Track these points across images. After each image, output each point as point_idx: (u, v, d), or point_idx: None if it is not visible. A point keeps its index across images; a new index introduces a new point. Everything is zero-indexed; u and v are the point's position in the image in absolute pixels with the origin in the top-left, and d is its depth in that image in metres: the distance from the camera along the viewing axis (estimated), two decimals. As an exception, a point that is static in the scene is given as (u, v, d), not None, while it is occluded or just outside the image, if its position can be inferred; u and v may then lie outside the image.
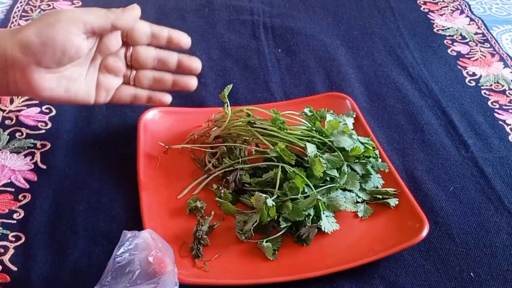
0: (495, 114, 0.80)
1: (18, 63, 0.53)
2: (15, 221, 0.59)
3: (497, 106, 0.82)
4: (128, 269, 0.46)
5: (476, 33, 0.99)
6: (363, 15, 1.02)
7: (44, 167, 0.65)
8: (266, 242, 0.56)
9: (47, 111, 0.74)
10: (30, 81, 0.53)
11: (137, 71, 0.63)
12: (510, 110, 0.81)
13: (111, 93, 0.62)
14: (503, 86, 0.86)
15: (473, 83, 0.87)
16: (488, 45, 0.96)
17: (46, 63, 0.53)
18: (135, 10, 0.58)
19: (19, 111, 0.73)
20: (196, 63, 0.64)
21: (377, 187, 0.63)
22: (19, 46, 0.52)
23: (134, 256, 0.47)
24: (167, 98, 0.66)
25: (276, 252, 0.56)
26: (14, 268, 0.54)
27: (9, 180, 0.63)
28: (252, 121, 0.64)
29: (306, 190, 0.58)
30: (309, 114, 0.66)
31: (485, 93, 0.85)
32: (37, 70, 0.53)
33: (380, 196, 0.62)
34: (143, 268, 0.47)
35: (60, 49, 0.53)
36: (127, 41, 0.61)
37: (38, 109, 0.74)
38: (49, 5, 0.96)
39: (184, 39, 0.63)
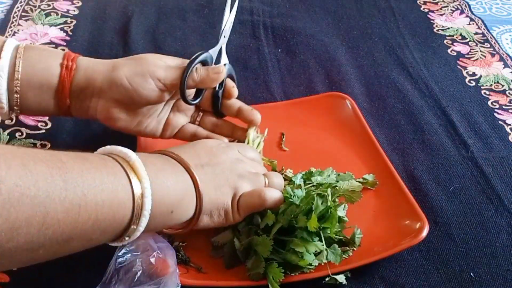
0: (495, 114, 0.80)
1: (104, 96, 0.57)
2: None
3: (497, 106, 0.82)
4: (130, 270, 0.46)
5: (476, 33, 0.99)
6: (363, 15, 1.02)
7: (44, 167, 0.65)
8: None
9: (47, 111, 0.74)
10: (109, 112, 0.58)
11: (203, 113, 0.66)
12: (510, 110, 0.81)
13: (176, 130, 0.64)
14: (503, 86, 0.86)
15: (473, 83, 0.87)
16: (488, 45, 0.96)
17: (128, 104, 0.58)
18: (220, 73, 0.61)
19: (19, 111, 0.73)
20: (256, 116, 0.65)
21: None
22: (110, 83, 0.57)
23: (136, 257, 0.47)
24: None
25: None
26: (14, 268, 0.54)
27: (9, 180, 0.63)
28: None
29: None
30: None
31: (485, 93, 0.85)
32: (118, 105, 0.58)
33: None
34: (145, 269, 0.47)
35: (145, 99, 0.58)
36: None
37: (38, 109, 0.74)
38: (49, 5, 0.96)
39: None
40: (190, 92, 0.61)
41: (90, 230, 0.40)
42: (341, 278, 0.54)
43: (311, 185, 0.61)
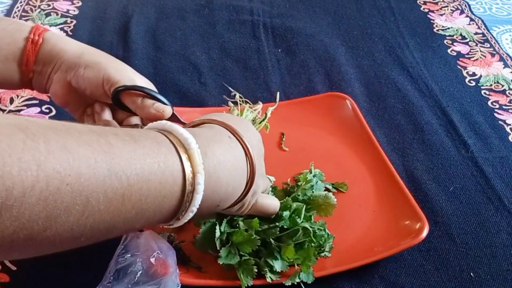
0: (495, 114, 0.80)
1: (60, 75, 0.57)
2: (15, 221, 0.59)
3: (497, 106, 0.82)
4: (130, 270, 0.46)
5: (476, 33, 0.99)
6: (363, 15, 1.02)
7: (44, 167, 0.65)
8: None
9: (47, 111, 0.74)
10: (58, 94, 0.59)
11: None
12: (510, 110, 0.81)
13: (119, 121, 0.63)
14: (503, 86, 0.86)
15: (473, 83, 0.87)
16: (488, 45, 0.96)
17: (76, 91, 0.58)
18: (165, 112, 0.57)
19: (19, 111, 0.73)
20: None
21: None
22: (69, 66, 0.57)
23: (136, 257, 0.47)
24: None
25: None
26: (14, 268, 0.54)
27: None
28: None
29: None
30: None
31: (485, 93, 0.85)
32: (69, 88, 0.58)
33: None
34: (145, 269, 0.47)
35: (88, 93, 0.58)
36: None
37: (38, 109, 0.74)
38: (49, 5, 0.96)
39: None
40: None
41: (133, 219, 0.37)
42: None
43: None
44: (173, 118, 0.60)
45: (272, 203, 0.54)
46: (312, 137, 0.72)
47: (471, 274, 0.58)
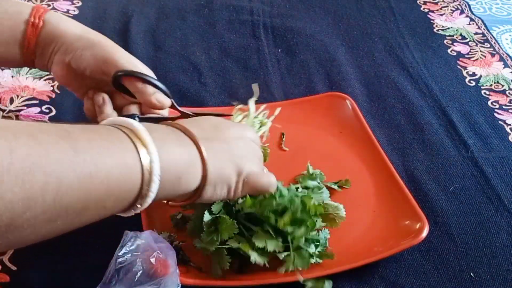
0: (495, 114, 0.81)
1: (62, 56, 0.59)
2: (15, 221, 0.59)
3: (497, 106, 0.82)
4: (130, 270, 0.46)
5: (476, 33, 0.99)
6: (363, 15, 1.02)
7: (44, 167, 0.65)
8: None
9: (47, 111, 0.74)
10: (61, 75, 0.60)
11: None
12: (510, 110, 0.81)
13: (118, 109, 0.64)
14: (503, 86, 0.86)
15: (473, 83, 0.87)
16: (488, 45, 0.96)
17: (77, 73, 0.60)
18: (164, 104, 0.60)
19: (19, 111, 0.73)
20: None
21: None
22: (71, 48, 0.58)
23: (136, 257, 0.47)
24: None
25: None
26: (14, 268, 0.54)
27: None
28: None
29: None
30: None
31: (485, 93, 0.85)
32: (70, 70, 0.60)
33: None
34: (145, 269, 0.47)
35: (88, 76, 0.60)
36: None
37: (38, 109, 0.74)
38: (49, 5, 0.96)
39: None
40: None
41: (104, 197, 0.40)
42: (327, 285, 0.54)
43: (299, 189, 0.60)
44: (172, 107, 0.61)
45: (264, 180, 0.54)
46: (312, 137, 0.72)
47: (471, 274, 0.58)
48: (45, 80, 0.79)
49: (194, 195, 0.50)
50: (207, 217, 0.54)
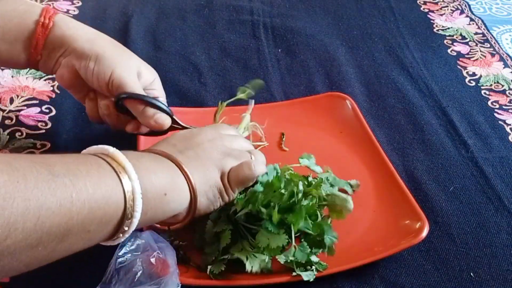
0: (495, 114, 0.80)
1: (68, 60, 0.59)
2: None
3: (497, 106, 0.82)
4: (130, 270, 0.46)
5: (476, 33, 0.99)
6: (363, 15, 1.02)
7: (44, 167, 0.65)
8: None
9: (47, 111, 0.74)
10: (64, 78, 0.60)
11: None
12: (510, 110, 0.81)
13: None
14: (503, 86, 0.86)
15: (473, 83, 0.87)
16: (488, 45, 0.96)
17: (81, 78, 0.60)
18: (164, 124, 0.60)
19: (19, 111, 0.73)
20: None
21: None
22: (80, 55, 0.58)
23: (136, 257, 0.47)
24: None
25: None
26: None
27: (9, 180, 0.63)
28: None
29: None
30: None
31: (485, 93, 0.85)
32: (75, 74, 0.59)
33: None
34: (145, 269, 0.47)
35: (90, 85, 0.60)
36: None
37: (38, 109, 0.74)
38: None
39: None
40: None
41: (86, 220, 0.39)
42: (307, 276, 0.52)
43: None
44: (174, 123, 0.61)
45: (247, 169, 0.53)
46: (312, 137, 0.72)
47: (471, 274, 0.58)
48: (45, 80, 0.79)
49: (189, 211, 0.50)
50: (209, 225, 0.54)
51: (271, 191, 0.53)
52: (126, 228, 0.44)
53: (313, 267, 0.53)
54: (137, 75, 0.60)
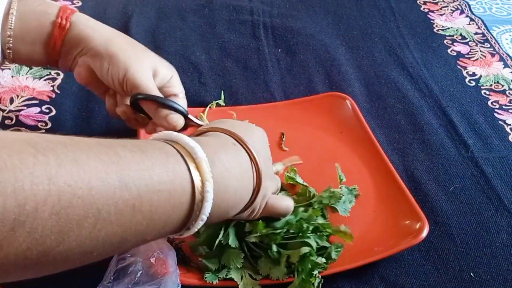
0: (495, 114, 0.80)
1: (86, 59, 0.59)
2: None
3: (497, 106, 0.82)
4: (130, 270, 0.46)
5: (476, 33, 0.99)
6: (363, 15, 1.02)
7: (44, 167, 0.65)
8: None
9: (47, 111, 0.74)
10: (81, 75, 0.60)
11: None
12: (510, 110, 0.81)
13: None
14: (503, 86, 0.86)
15: (473, 83, 0.87)
16: (488, 45, 0.96)
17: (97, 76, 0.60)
18: (177, 125, 0.59)
19: (19, 111, 0.73)
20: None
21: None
22: (96, 55, 0.58)
23: (136, 257, 0.47)
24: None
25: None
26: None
27: (10, 180, 0.63)
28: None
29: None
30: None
31: (485, 93, 0.85)
32: (92, 72, 0.59)
33: None
34: (145, 269, 0.47)
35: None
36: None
37: (38, 109, 0.74)
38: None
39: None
40: None
41: (144, 231, 0.37)
42: None
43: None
44: (189, 121, 0.61)
45: (283, 204, 0.53)
46: (312, 137, 0.72)
47: (471, 274, 0.58)
48: (45, 80, 0.79)
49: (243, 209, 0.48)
50: (232, 240, 0.53)
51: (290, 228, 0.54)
52: (179, 236, 0.42)
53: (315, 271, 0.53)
54: (153, 73, 0.59)
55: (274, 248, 0.53)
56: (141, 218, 0.36)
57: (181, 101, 0.62)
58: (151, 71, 0.59)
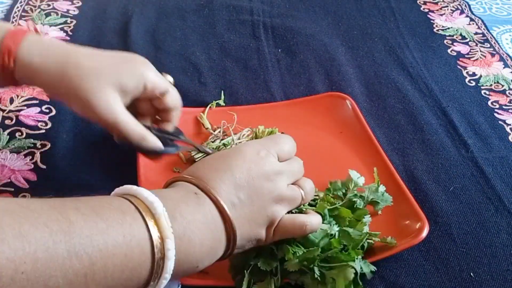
0: (495, 114, 0.80)
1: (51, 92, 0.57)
2: (15, 221, 0.59)
3: (497, 106, 0.82)
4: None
5: (476, 33, 0.99)
6: (363, 15, 1.02)
7: (44, 167, 0.65)
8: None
9: (47, 111, 0.74)
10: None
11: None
12: (510, 110, 0.81)
13: None
14: (503, 86, 0.86)
15: (473, 83, 0.87)
16: (488, 45, 0.96)
17: None
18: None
19: (19, 111, 0.73)
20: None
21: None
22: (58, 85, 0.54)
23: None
24: None
25: None
26: None
27: (9, 180, 0.63)
28: None
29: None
30: None
31: (485, 93, 0.85)
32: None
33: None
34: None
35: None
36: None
37: (38, 109, 0.74)
38: (49, 5, 0.96)
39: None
40: None
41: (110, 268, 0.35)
42: None
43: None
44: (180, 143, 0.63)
45: (297, 224, 0.48)
46: (312, 137, 0.72)
47: (471, 274, 0.58)
48: (45, 80, 0.79)
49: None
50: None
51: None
52: (160, 272, 0.39)
53: None
54: (120, 93, 0.55)
55: (316, 270, 0.50)
56: (95, 287, 0.34)
57: (173, 94, 0.61)
58: (114, 94, 0.54)
